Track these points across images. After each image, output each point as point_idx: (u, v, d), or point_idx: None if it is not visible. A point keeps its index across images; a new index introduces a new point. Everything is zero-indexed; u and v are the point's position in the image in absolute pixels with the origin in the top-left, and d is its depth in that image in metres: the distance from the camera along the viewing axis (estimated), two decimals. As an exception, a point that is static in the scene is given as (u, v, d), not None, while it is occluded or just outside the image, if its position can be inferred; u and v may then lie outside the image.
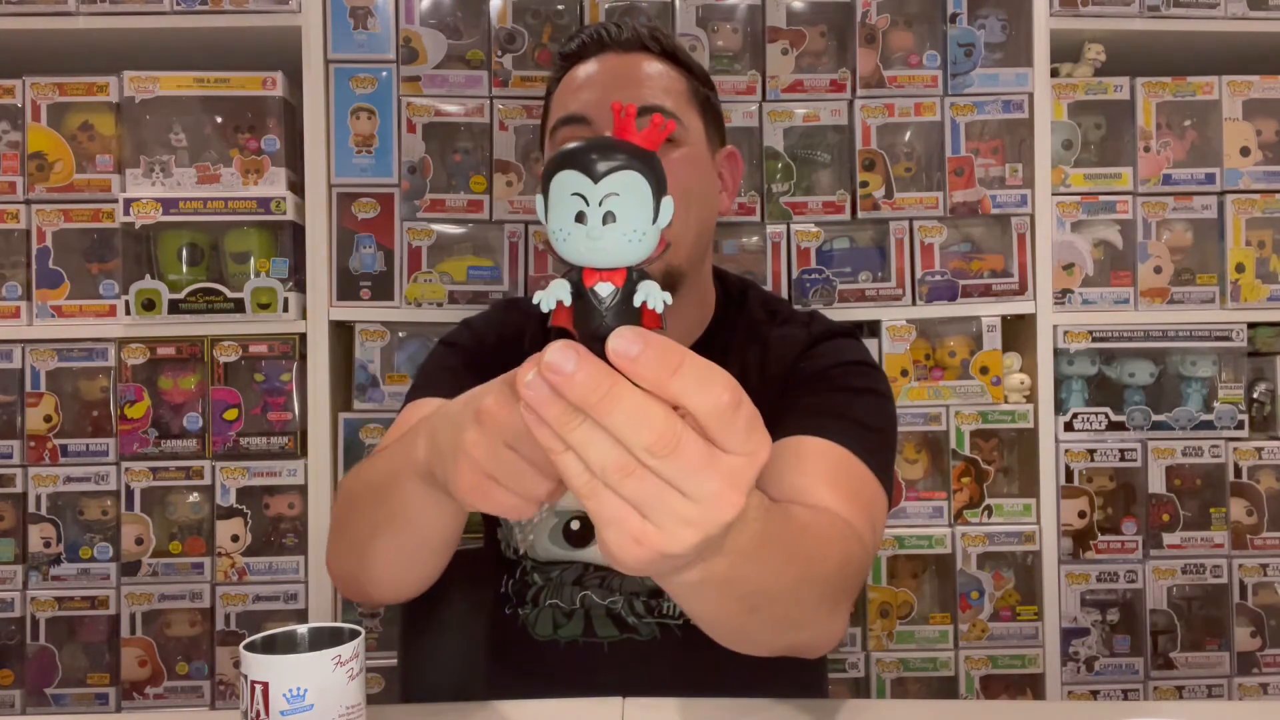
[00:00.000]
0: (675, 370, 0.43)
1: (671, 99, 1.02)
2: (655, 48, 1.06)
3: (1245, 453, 1.59)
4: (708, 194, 1.05)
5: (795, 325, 1.08)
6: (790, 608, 0.71)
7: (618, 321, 0.46)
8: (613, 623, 1.02)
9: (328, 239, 1.53)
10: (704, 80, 1.10)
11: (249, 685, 0.66)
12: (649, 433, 0.43)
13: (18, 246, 1.55)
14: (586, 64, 1.05)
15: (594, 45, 1.05)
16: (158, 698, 1.53)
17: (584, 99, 1.02)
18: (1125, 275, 1.60)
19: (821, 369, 1.01)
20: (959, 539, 1.55)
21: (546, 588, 1.04)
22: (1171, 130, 1.62)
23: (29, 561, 1.52)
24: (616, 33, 1.05)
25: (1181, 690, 1.59)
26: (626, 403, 0.43)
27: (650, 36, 1.06)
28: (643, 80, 1.03)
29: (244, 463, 1.52)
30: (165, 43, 1.56)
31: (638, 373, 0.43)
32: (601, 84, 1.02)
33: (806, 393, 0.98)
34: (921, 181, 1.60)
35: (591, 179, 0.44)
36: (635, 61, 1.04)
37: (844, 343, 1.07)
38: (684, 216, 0.98)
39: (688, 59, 1.09)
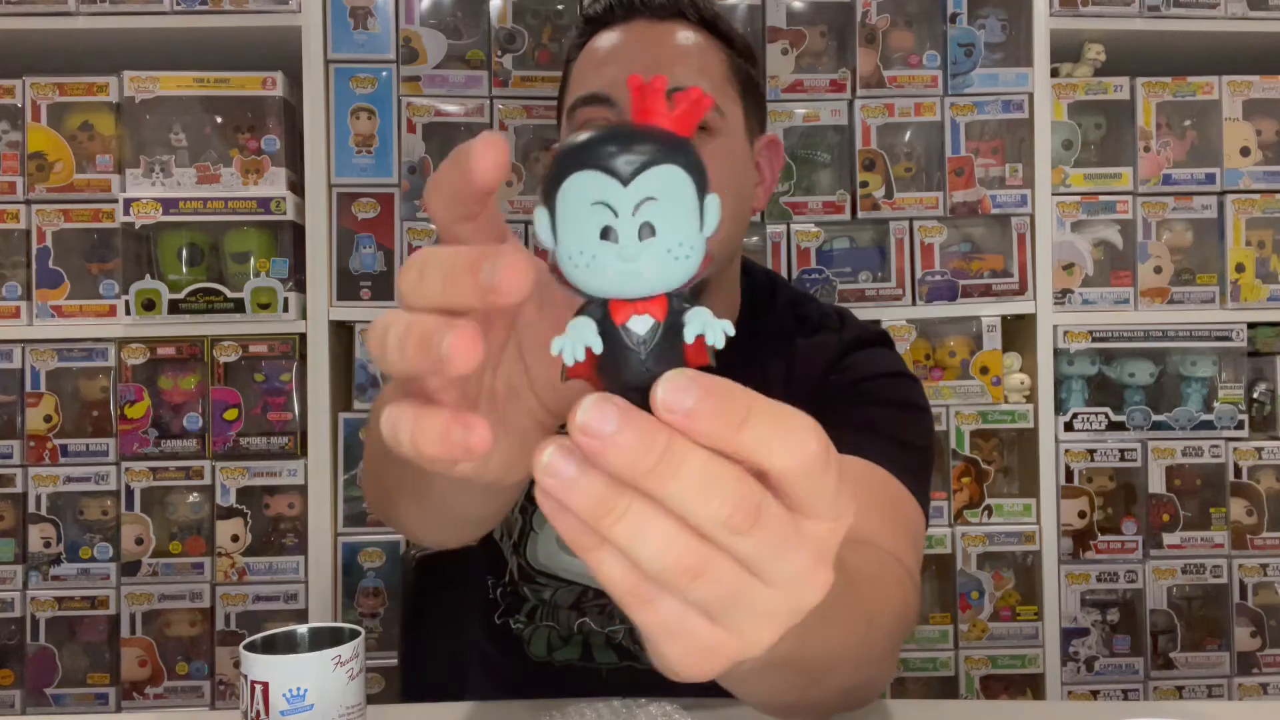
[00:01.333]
0: (744, 421, 0.31)
1: (708, 79, 0.89)
2: (693, 15, 0.92)
3: (1245, 453, 1.59)
4: (744, 191, 0.94)
5: (826, 332, 0.99)
6: (852, 673, 0.63)
7: (661, 365, 0.33)
8: (613, 651, 0.99)
9: (328, 239, 1.53)
10: (746, 54, 0.97)
11: (249, 685, 0.66)
12: (724, 503, 0.31)
13: (18, 246, 1.55)
14: (612, 31, 0.92)
15: (622, 9, 0.92)
16: (158, 698, 1.53)
17: (608, 75, 0.89)
18: (1125, 275, 1.60)
19: (856, 380, 0.94)
20: (959, 539, 1.55)
21: (541, 608, 1.00)
22: (1171, 130, 1.62)
23: (29, 561, 1.52)
24: None
25: (1181, 690, 1.59)
26: (692, 465, 0.31)
27: (689, 1, 0.93)
28: (675, 55, 0.90)
29: (244, 463, 1.52)
30: (165, 43, 1.56)
31: (697, 429, 0.31)
32: (627, 58, 0.90)
33: (841, 407, 0.89)
34: (921, 181, 1.60)
35: (620, 180, 0.33)
36: (668, 31, 0.91)
37: (878, 352, 0.99)
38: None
39: (729, 29, 0.95)
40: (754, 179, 0.97)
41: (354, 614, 1.54)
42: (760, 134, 0.98)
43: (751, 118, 0.95)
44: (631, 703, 0.86)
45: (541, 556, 1.02)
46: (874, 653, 0.64)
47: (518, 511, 1.02)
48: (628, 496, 0.32)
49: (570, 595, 1.00)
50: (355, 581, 1.54)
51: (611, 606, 0.99)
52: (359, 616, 1.54)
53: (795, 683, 0.57)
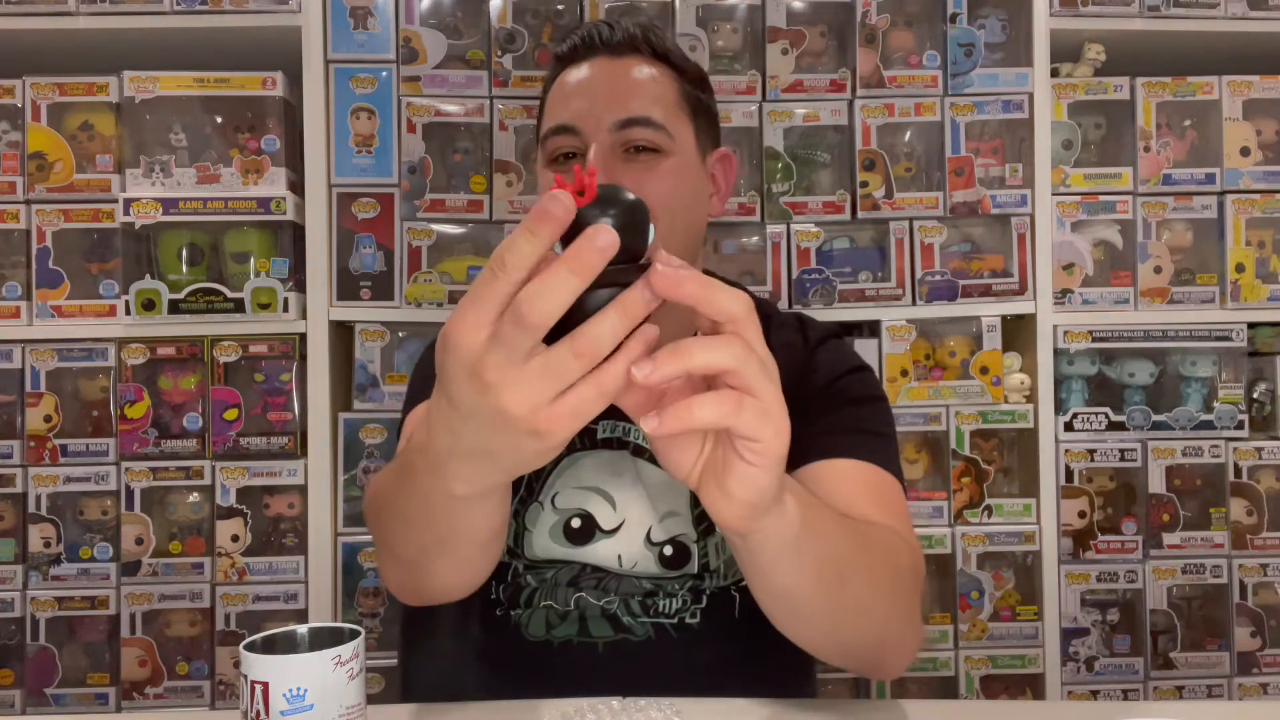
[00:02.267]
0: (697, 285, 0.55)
1: (660, 107, 1.01)
2: (647, 50, 1.04)
3: (1245, 453, 1.59)
4: (695, 202, 1.04)
5: (788, 329, 1.11)
6: (868, 587, 0.78)
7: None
8: (608, 623, 1.01)
9: (328, 239, 1.53)
10: (697, 81, 1.08)
11: (249, 685, 0.66)
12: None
13: (18, 246, 1.55)
14: (578, 67, 1.04)
15: (585, 48, 1.05)
16: (158, 698, 1.53)
17: (574, 109, 1.01)
18: (1125, 275, 1.60)
19: (828, 383, 1.04)
20: (959, 539, 1.55)
21: (540, 589, 1.03)
22: (1171, 130, 1.62)
23: (29, 561, 1.53)
24: (609, 34, 1.04)
25: (1181, 690, 1.59)
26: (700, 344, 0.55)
27: (643, 38, 1.05)
28: (631, 88, 1.02)
29: (244, 463, 1.52)
30: (165, 43, 1.56)
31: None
32: (590, 93, 1.01)
33: (820, 412, 1.00)
34: (921, 181, 1.60)
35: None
36: (625, 67, 1.03)
37: (837, 346, 1.10)
38: (670, 226, 0.99)
39: (681, 60, 1.07)
40: (707, 190, 1.08)
41: (354, 614, 1.54)
42: (713, 149, 1.09)
43: (703, 135, 1.07)
44: (631, 703, 0.86)
45: (539, 550, 1.03)
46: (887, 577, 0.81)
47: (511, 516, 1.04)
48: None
49: (569, 573, 1.02)
50: (355, 581, 1.54)
51: (606, 580, 1.01)
52: (359, 616, 1.55)
53: (825, 574, 0.72)
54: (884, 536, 0.85)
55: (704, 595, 1.01)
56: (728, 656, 0.99)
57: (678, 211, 1.00)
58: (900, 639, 0.86)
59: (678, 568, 1.01)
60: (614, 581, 1.01)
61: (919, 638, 0.90)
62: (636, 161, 0.99)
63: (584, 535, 1.02)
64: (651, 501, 1.02)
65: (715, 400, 0.56)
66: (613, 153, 0.99)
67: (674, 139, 1.01)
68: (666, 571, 1.01)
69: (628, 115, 0.99)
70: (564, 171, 1.01)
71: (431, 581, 0.84)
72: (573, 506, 1.03)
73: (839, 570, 0.73)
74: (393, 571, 0.89)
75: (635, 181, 0.98)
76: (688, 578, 1.01)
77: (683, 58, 1.08)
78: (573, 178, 0.53)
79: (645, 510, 1.02)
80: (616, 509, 1.02)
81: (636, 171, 0.99)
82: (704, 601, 1.00)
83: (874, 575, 0.79)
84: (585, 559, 1.02)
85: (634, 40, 1.04)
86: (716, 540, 1.01)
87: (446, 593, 0.87)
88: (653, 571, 1.01)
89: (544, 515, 1.03)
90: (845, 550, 0.74)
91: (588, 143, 0.99)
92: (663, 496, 1.02)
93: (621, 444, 1.04)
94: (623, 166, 0.99)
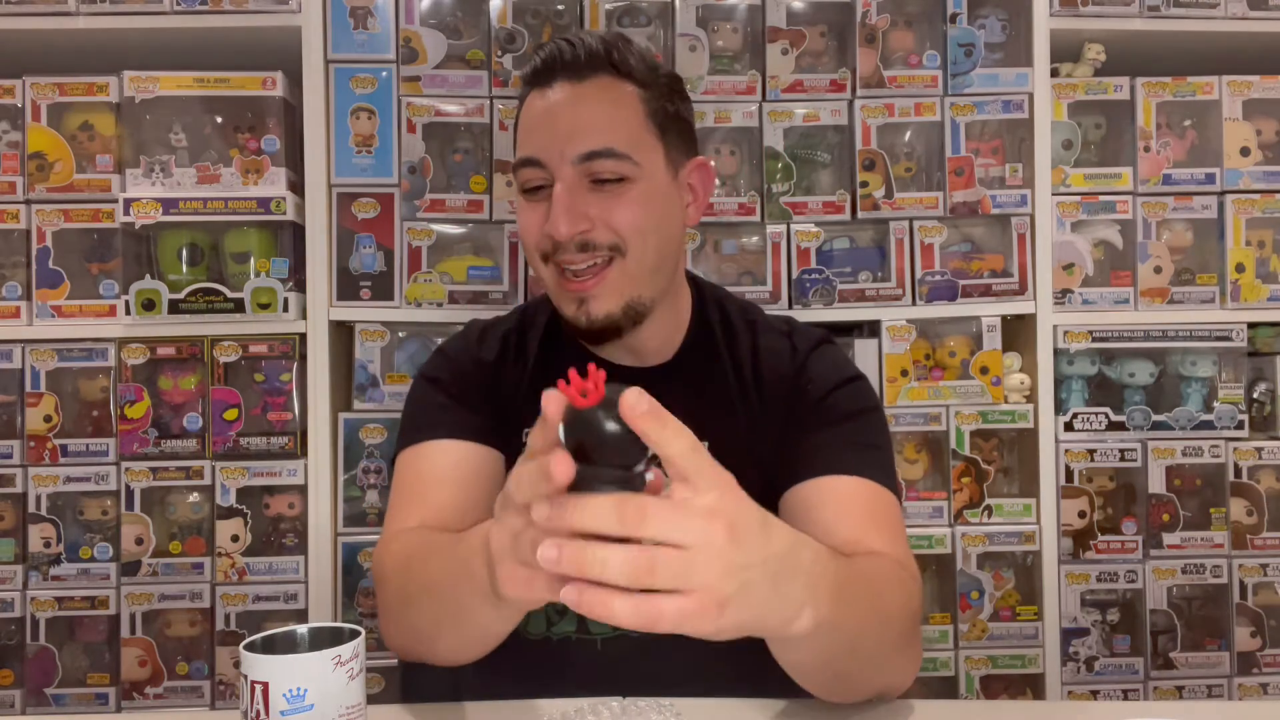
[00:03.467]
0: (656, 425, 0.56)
1: (624, 134, 0.99)
2: (609, 69, 1.01)
3: (1245, 453, 1.59)
4: (665, 222, 1.03)
5: (775, 336, 1.11)
6: (876, 648, 0.80)
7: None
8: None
9: (328, 239, 1.53)
10: (666, 92, 1.05)
11: (249, 685, 0.66)
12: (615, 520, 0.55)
13: (18, 246, 1.55)
14: (542, 94, 1.02)
15: (547, 71, 1.02)
16: (158, 698, 1.53)
17: (537, 142, 1.00)
18: (1125, 275, 1.60)
19: (823, 396, 1.04)
20: (959, 539, 1.55)
21: None
22: (1171, 130, 1.62)
23: (29, 561, 1.52)
24: (571, 54, 1.01)
25: (1181, 690, 1.59)
26: (590, 504, 0.56)
27: (606, 55, 1.01)
28: (593, 118, 0.99)
29: (244, 463, 1.52)
30: (165, 43, 1.56)
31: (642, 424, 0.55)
32: (551, 125, 1.00)
33: (815, 426, 1.01)
34: (921, 181, 1.60)
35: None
36: (586, 93, 1.00)
37: (828, 354, 1.10)
38: (641, 249, 0.99)
39: (646, 73, 1.03)
40: (682, 203, 1.07)
41: (354, 614, 1.54)
42: (687, 160, 1.07)
43: (674, 151, 1.04)
44: (631, 703, 0.86)
45: None
46: (890, 631, 0.82)
47: None
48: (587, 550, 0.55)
49: None
50: (355, 581, 1.54)
51: None
52: (359, 616, 1.54)
53: (841, 650, 0.74)
54: (889, 581, 0.86)
55: None
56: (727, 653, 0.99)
57: (648, 235, 1.00)
58: (902, 675, 0.89)
59: None
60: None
61: (918, 663, 0.92)
62: (603, 191, 0.99)
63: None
64: None
65: (624, 557, 0.55)
66: (578, 184, 0.99)
67: (640, 165, 1.00)
68: None
69: (589, 149, 0.98)
70: (534, 201, 1.02)
71: (435, 653, 0.89)
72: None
73: (850, 645, 0.75)
74: (395, 634, 0.93)
75: (603, 211, 0.98)
76: None
77: (649, 69, 1.04)
78: (577, 379, 0.55)
79: None
80: None
81: (603, 200, 0.99)
82: None
83: (882, 636, 0.80)
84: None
85: (595, 59, 1.01)
86: None
87: (446, 660, 0.90)
88: None
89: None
90: (860, 626, 0.74)
91: (553, 176, 0.99)
92: None
93: None
94: (589, 197, 0.99)
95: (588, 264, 0.99)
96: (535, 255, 1.03)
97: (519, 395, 1.08)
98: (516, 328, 1.14)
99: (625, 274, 1.00)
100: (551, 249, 1.00)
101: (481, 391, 1.07)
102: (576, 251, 0.99)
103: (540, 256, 1.02)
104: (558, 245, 0.99)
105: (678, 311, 1.10)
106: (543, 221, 0.99)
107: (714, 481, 0.58)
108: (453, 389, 1.07)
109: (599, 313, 1.00)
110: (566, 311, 1.03)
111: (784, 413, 1.05)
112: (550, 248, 1.00)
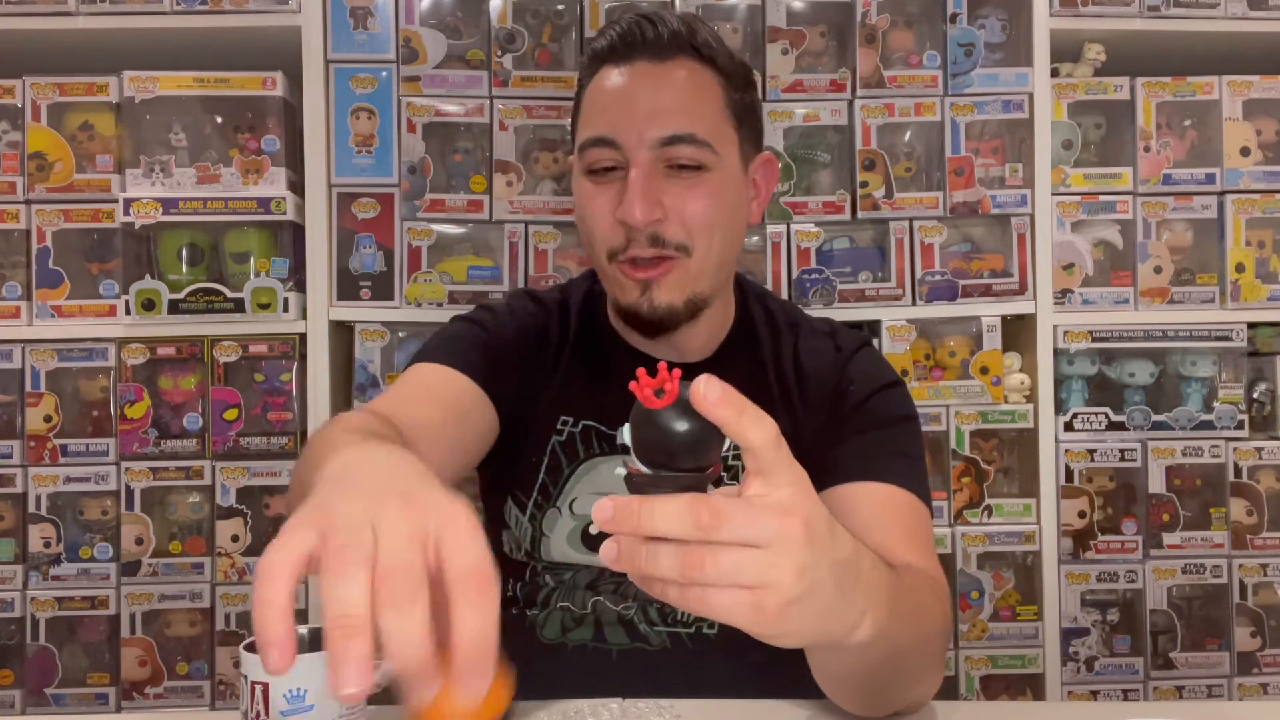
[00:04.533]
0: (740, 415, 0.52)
1: (705, 121, 0.96)
2: (692, 51, 0.98)
3: (1245, 453, 1.59)
4: (735, 216, 1.02)
5: (819, 338, 1.08)
6: (916, 663, 0.78)
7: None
8: (624, 630, 1.00)
9: (328, 239, 1.53)
10: (743, 82, 1.03)
11: (249, 685, 0.66)
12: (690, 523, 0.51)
13: (18, 246, 1.55)
14: (618, 69, 0.98)
15: (625, 47, 0.98)
16: (158, 698, 1.53)
17: (613, 120, 0.97)
18: (1125, 275, 1.60)
19: (862, 400, 1.02)
20: (959, 539, 1.55)
21: (558, 589, 1.02)
22: (1171, 130, 1.62)
23: (29, 561, 1.52)
24: (653, 33, 0.97)
25: (1181, 690, 1.59)
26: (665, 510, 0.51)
27: (688, 37, 0.98)
28: (675, 101, 0.96)
29: (244, 463, 1.52)
30: (165, 43, 1.56)
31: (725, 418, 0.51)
32: (630, 104, 0.96)
33: (854, 431, 0.99)
34: (921, 181, 1.60)
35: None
36: (668, 73, 0.97)
37: (870, 357, 1.08)
38: (708, 245, 0.97)
39: (727, 60, 1.01)
40: (748, 197, 1.05)
41: (354, 614, 1.54)
42: (756, 154, 1.05)
43: (747, 142, 1.03)
44: (631, 704, 0.86)
45: (555, 555, 1.03)
46: (930, 647, 0.81)
47: (527, 520, 1.03)
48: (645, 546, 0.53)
49: (588, 576, 1.02)
50: (355, 581, 1.54)
51: (625, 585, 1.00)
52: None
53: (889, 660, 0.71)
54: (929, 596, 0.84)
55: None
56: (741, 668, 0.98)
57: (717, 229, 0.98)
58: (929, 691, 0.88)
59: None
60: (632, 586, 1.00)
61: (941, 679, 0.91)
62: (679, 179, 0.96)
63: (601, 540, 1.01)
64: None
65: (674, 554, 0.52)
66: (654, 169, 0.96)
67: (718, 154, 0.97)
68: None
69: (671, 132, 0.95)
70: (603, 183, 0.98)
71: None
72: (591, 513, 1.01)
73: (895, 662, 0.73)
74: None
75: (677, 200, 0.96)
76: None
77: (729, 56, 1.02)
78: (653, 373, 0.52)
79: None
80: None
81: (679, 189, 0.96)
82: None
83: (924, 652, 0.79)
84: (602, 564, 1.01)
85: (679, 40, 0.98)
86: None
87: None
88: None
89: (561, 521, 1.03)
90: (906, 641, 0.72)
91: (628, 159, 0.95)
92: None
93: None
94: (664, 183, 0.96)
95: (654, 256, 0.97)
96: (601, 247, 0.99)
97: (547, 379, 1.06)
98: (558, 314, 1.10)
99: (688, 272, 0.98)
100: (623, 244, 0.97)
101: (512, 362, 1.04)
102: (647, 245, 0.96)
103: (607, 255, 0.99)
104: (630, 237, 0.96)
105: (725, 308, 1.08)
106: (613, 205, 0.96)
107: (791, 477, 0.54)
108: (486, 338, 1.04)
109: (662, 301, 0.97)
110: (628, 299, 0.99)
111: (824, 414, 1.02)
112: (621, 242, 0.97)
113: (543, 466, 1.04)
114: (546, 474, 1.04)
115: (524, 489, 1.05)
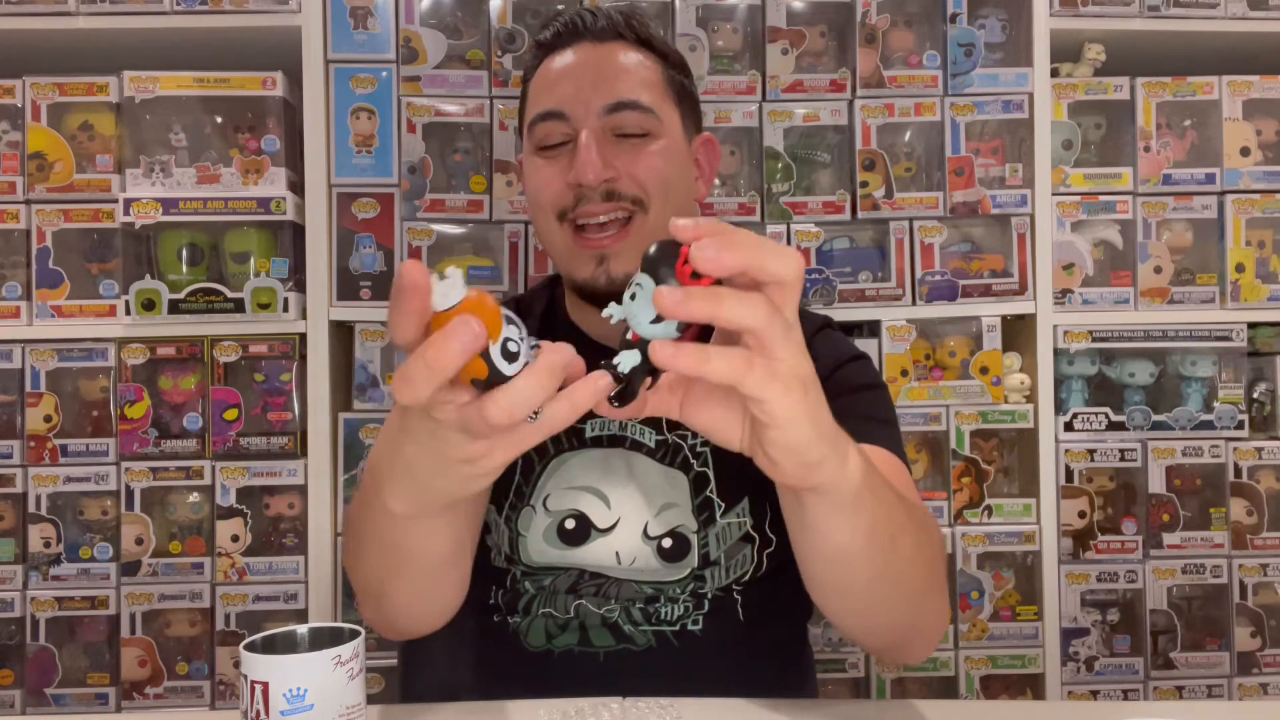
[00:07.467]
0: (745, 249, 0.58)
1: (648, 91, 1.02)
2: (630, 36, 1.05)
3: (1245, 453, 1.59)
4: (684, 184, 1.06)
5: None
6: (914, 551, 0.76)
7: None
8: (609, 632, 1.00)
9: (328, 239, 1.53)
10: (679, 67, 1.09)
11: (249, 685, 0.66)
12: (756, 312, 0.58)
13: (18, 246, 1.55)
14: (562, 54, 1.04)
15: (569, 34, 1.05)
16: (158, 698, 1.53)
17: (560, 94, 1.01)
18: (1125, 275, 1.60)
19: (829, 373, 1.02)
20: (959, 539, 1.55)
21: (539, 596, 1.02)
22: (1171, 130, 1.62)
23: (29, 561, 1.53)
24: (592, 21, 1.04)
25: (1181, 690, 1.59)
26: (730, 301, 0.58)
27: (626, 24, 1.05)
28: (618, 73, 1.02)
29: (244, 463, 1.52)
30: (165, 43, 1.56)
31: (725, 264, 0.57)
32: (576, 78, 1.02)
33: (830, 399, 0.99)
34: (921, 181, 1.60)
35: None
36: (610, 52, 1.03)
37: (832, 336, 1.11)
38: (664, 201, 1.00)
39: (663, 46, 1.08)
40: (693, 173, 1.09)
41: (354, 614, 1.54)
42: (697, 134, 1.10)
43: (687, 121, 1.07)
44: (631, 704, 0.86)
45: (534, 555, 1.02)
46: (927, 554, 0.80)
47: (504, 523, 1.03)
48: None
49: (568, 580, 1.01)
50: (355, 581, 1.54)
51: (607, 587, 1.00)
52: (359, 616, 1.54)
53: (878, 537, 0.71)
54: (920, 508, 0.85)
55: (705, 600, 1.00)
56: (729, 663, 0.99)
57: (670, 190, 1.01)
58: (935, 616, 0.87)
59: (677, 560, 1.00)
60: (614, 587, 1.00)
61: (946, 620, 0.90)
62: (627, 144, 1.00)
63: (579, 536, 1.01)
64: (646, 496, 1.01)
65: (727, 356, 0.56)
66: (603, 136, 0.99)
67: (662, 122, 1.02)
68: (666, 565, 1.00)
69: (616, 99, 0.99)
70: (553, 157, 1.01)
71: (394, 612, 0.87)
72: (565, 508, 1.01)
73: (891, 533, 0.73)
74: (365, 606, 0.91)
75: (628, 162, 0.99)
76: (689, 579, 1.00)
77: (664, 44, 1.09)
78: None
79: (640, 505, 1.01)
80: (611, 506, 1.01)
81: (627, 152, 0.99)
82: (705, 607, 1.00)
83: (919, 542, 0.79)
84: (582, 560, 1.01)
85: (617, 26, 1.05)
86: (717, 530, 1.00)
87: (411, 622, 0.89)
88: (652, 566, 1.00)
89: (536, 519, 1.02)
90: (897, 513, 0.74)
91: (577, 129, 0.99)
92: (659, 489, 1.01)
93: (613, 441, 1.03)
94: (614, 149, 0.99)
95: (610, 215, 0.99)
96: (550, 214, 1.01)
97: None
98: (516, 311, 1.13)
99: (646, 232, 0.99)
100: (572, 203, 0.99)
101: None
102: (601, 200, 0.98)
103: (557, 215, 1.01)
104: (580, 197, 0.98)
105: None
106: (563, 174, 0.99)
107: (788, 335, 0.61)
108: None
109: (619, 272, 0.99)
110: (582, 274, 1.01)
111: None
112: (571, 201, 0.99)
113: (517, 466, 1.04)
114: (519, 474, 1.04)
115: (500, 491, 1.04)
